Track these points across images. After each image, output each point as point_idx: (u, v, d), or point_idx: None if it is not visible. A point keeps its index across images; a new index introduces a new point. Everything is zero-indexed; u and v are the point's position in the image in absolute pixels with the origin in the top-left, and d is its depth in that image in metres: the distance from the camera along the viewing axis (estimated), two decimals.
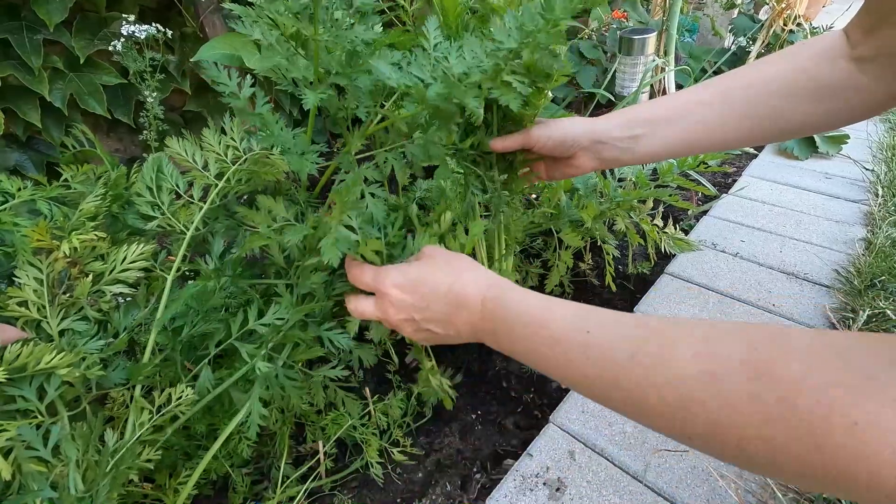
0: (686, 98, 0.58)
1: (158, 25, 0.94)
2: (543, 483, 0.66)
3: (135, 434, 0.45)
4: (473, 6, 0.61)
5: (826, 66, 0.51)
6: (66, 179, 0.61)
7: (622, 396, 0.34)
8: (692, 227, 1.20)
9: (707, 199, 1.33)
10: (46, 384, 0.42)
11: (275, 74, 0.54)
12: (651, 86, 1.64)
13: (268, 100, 0.53)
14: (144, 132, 0.97)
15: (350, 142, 0.55)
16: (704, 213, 1.25)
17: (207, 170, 0.55)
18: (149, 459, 0.46)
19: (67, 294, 0.48)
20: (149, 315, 0.53)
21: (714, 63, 1.84)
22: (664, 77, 1.64)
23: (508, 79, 0.45)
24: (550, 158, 0.63)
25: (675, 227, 0.94)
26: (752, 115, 0.55)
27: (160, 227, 0.54)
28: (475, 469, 0.72)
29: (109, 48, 0.93)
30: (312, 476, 0.68)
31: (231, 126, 0.56)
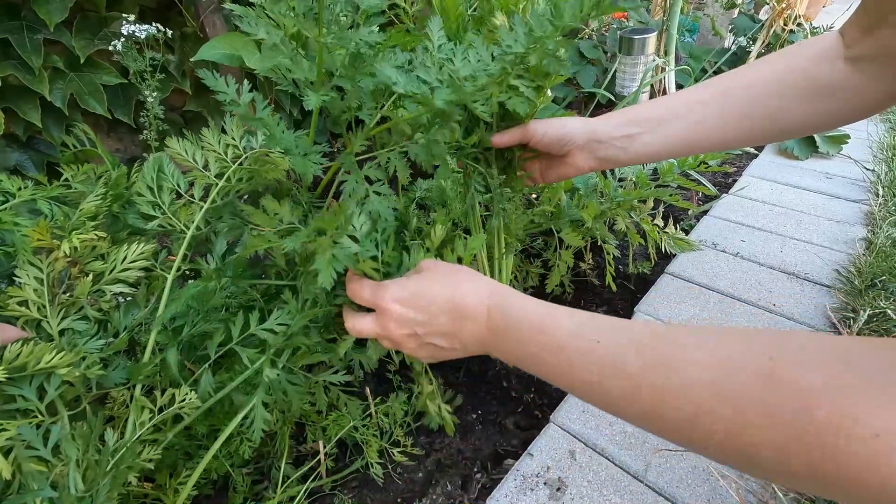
0: (684, 98, 0.58)
1: (159, 25, 0.94)
2: (544, 483, 0.66)
3: (135, 433, 0.45)
4: (473, 8, 0.61)
5: (822, 66, 0.52)
6: (67, 179, 0.61)
7: (631, 406, 0.34)
8: (693, 227, 1.20)
9: (707, 199, 1.33)
10: (46, 384, 0.42)
11: (275, 74, 0.54)
12: (651, 86, 1.64)
13: (268, 101, 0.53)
14: (145, 132, 0.97)
15: (351, 142, 0.55)
16: (705, 213, 1.25)
17: (208, 169, 0.55)
18: (149, 459, 0.46)
19: (67, 293, 0.48)
20: (149, 315, 0.53)
21: (714, 63, 1.84)
22: (664, 77, 1.64)
23: (515, 83, 0.45)
24: (546, 157, 0.63)
25: (676, 227, 0.94)
26: (750, 115, 0.55)
27: (161, 227, 0.54)
28: (476, 469, 0.72)
29: (110, 48, 0.93)
30: (313, 476, 0.68)
31: (231, 125, 0.56)
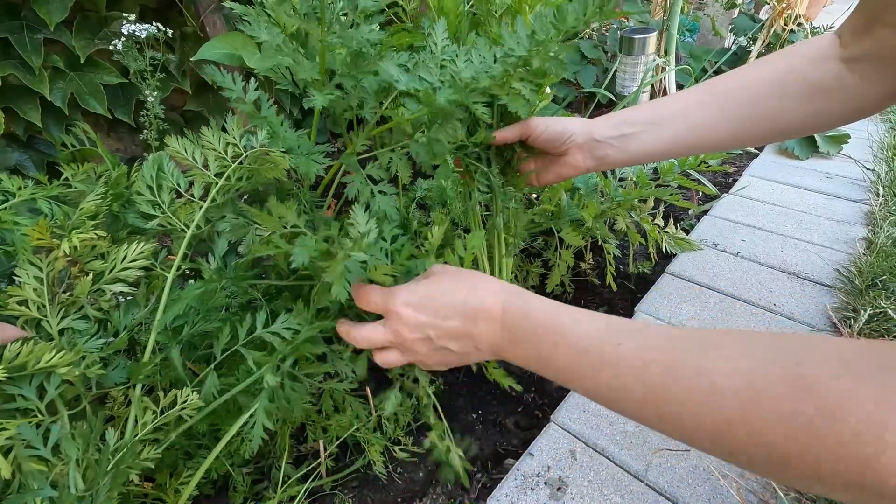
0: (682, 99, 0.58)
1: (159, 25, 0.94)
2: (544, 482, 0.66)
3: (135, 433, 0.45)
4: (470, 4, 0.60)
5: (820, 67, 0.52)
6: (67, 178, 0.61)
7: (656, 412, 0.33)
8: (693, 227, 1.20)
9: (708, 199, 1.33)
10: (46, 383, 0.42)
11: (275, 74, 0.54)
12: (651, 85, 1.64)
13: (272, 102, 0.53)
14: (145, 131, 0.97)
15: (353, 142, 0.55)
16: (705, 213, 1.25)
17: (208, 168, 0.55)
18: (149, 459, 0.46)
19: (67, 293, 0.48)
20: (149, 314, 0.53)
21: (714, 63, 1.83)
22: (665, 77, 1.64)
23: (517, 86, 0.45)
24: (544, 157, 0.63)
25: (676, 227, 0.94)
26: (748, 116, 0.55)
27: (161, 226, 0.54)
28: (476, 468, 0.72)
29: (110, 47, 0.93)
30: (313, 475, 0.67)
31: (232, 124, 0.56)
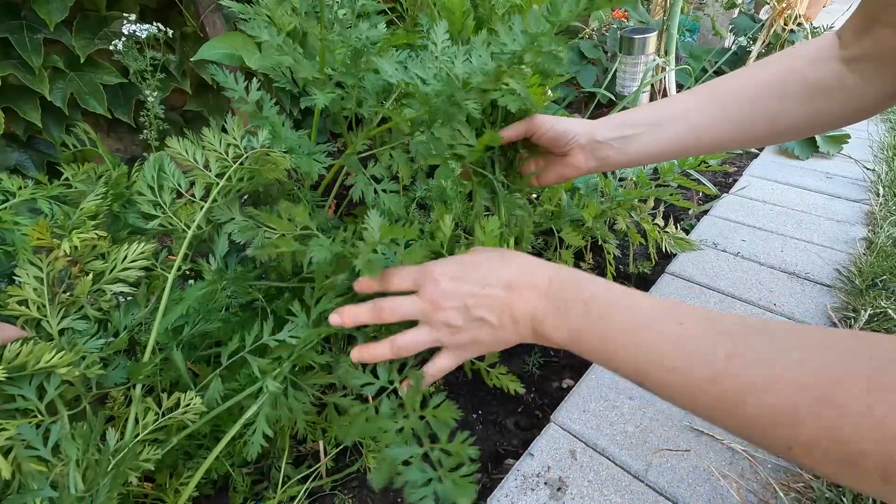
0: (682, 100, 0.58)
1: (159, 25, 0.94)
2: (545, 482, 0.66)
3: (136, 433, 0.45)
4: (477, 11, 0.60)
5: (820, 68, 0.52)
6: (67, 178, 0.61)
7: (712, 398, 0.32)
8: (693, 227, 1.20)
9: (708, 199, 1.33)
10: (46, 383, 0.42)
11: (275, 73, 0.53)
12: (651, 85, 1.64)
13: (273, 101, 0.53)
14: (145, 131, 0.97)
15: (353, 142, 0.55)
16: (705, 213, 1.25)
17: (208, 169, 0.55)
18: (149, 459, 0.46)
19: (67, 293, 0.48)
20: (149, 314, 0.53)
21: (715, 63, 1.83)
22: (665, 77, 1.64)
23: (509, 81, 0.45)
24: (546, 157, 0.63)
25: (676, 227, 0.94)
26: (748, 118, 0.55)
27: (161, 226, 0.54)
28: (476, 469, 0.72)
29: (110, 47, 0.93)
30: (313, 476, 0.67)
31: (232, 125, 0.56)
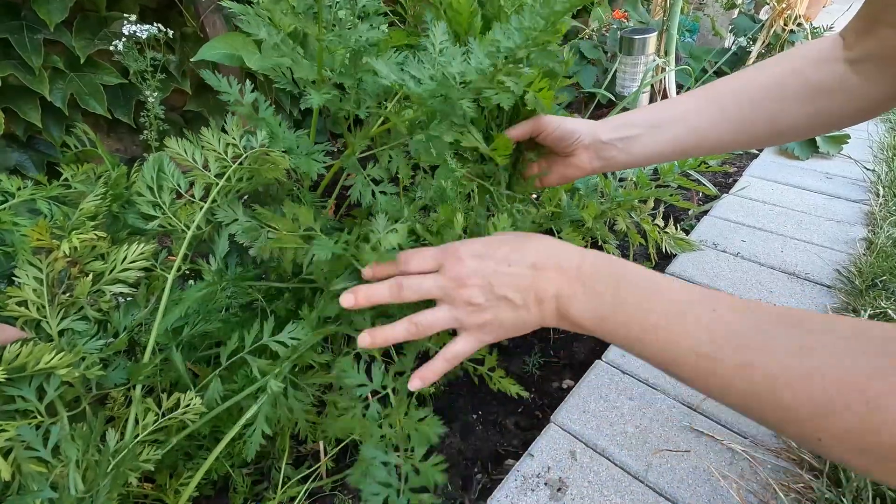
0: (683, 101, 0.58)
1: (159, 25, 0.94)
2: (545, 483, 0.66)
3: (136, 434, 0.45)
4: (485, 9, 0.60)
5: (822, 68, 0.52)
6: (67, 179, 0.61)
7: (744, 386, 0.32)
8: (693, 227, 1.20)
9: (708, 199, 1.32)
10: (46, 384, 0.42)
11: (275, 74, 0.53)
12: (651, 86, 1.64)
13: (269, 103, 0.53)
14: (145, 132, 0.97)
15: (353, 143, 0.55)
16: (705, 213, 1.25)
17: (208, 169, 0.54)
18: (149, 460, 0.46)
19: (67, 294, 0.48)
20: (149, 315, 0.53)
21: (714, 63, 1.83)
22: (664, 77, 1.64)
23: (504, 79, 0.44)
24: (550, 157, 0.63)
25: (676, 227, 0.94)
26: (749, 119, 0.55)
27: (161, 227, 0.54)
28: (476, 469, 0.72)
29: (110, 48, 0.93)
30: (313, 476, 0.67)
31: (232, 125, 0.56)
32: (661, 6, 1.79)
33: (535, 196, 1.09)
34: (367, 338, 0.46)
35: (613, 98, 1.60)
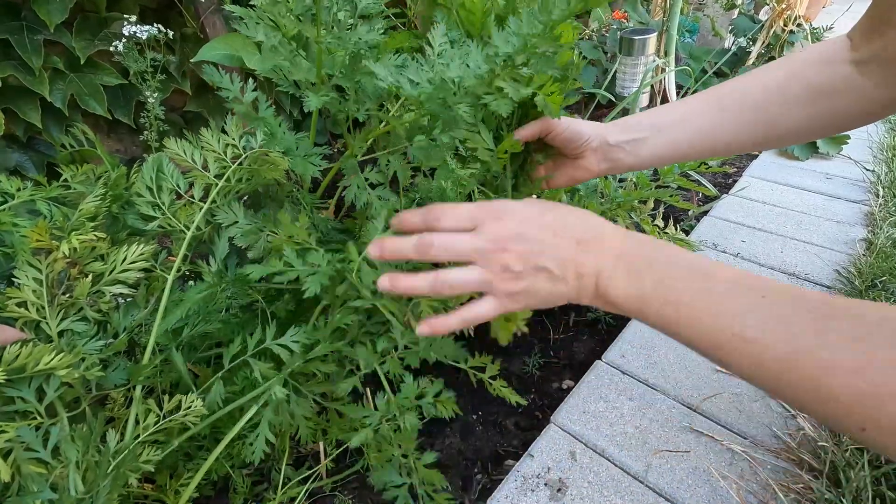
0: (691, 104, 0.58)
1: (159, 26, 0.94)
2: (545, 483, 0.66)
3: (136, 434, 0.45)
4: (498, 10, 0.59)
5: (828, 70, 0.52)
6: (66, 180, 0.61)
7: (790, 374, 0.32)
8: (693, 228, 1.20)
9: (708, 200, 1.33)
10: (46, 385, 0.42)
11: (275, 75, 0.54)
12: (651, 86, 1.64)
13: (270, 103, 0.53)
14: (145, 132, 0.97)
15: (352, 145, 0.55)
16: (705, 214, 1.25)
17: (207, 169, 0.55)
18: (149, 461, 0.46)
19: (67, 294, 0.48)
20: (149, 316, 0.53)
21: (714, 63, 1.84)
22: (664, 77, 1.64)
23: (503, 84, 0.44)
24: (557, 159, 0.63)
25: (676, 228, 0.94)
26: (755, 120, 0.55)
27: (160, 228, 0.54)
28: (476, 469, 0.72)
29: (110, 49, 0.93)
30: (313, 477, 0.67)
31: (231, 126, 0.56)
32: (661, 7, 1.79)
33: (536, 196, 1.09)
34: (387, 282, 0.44)
35: (613, 98, 1.60)
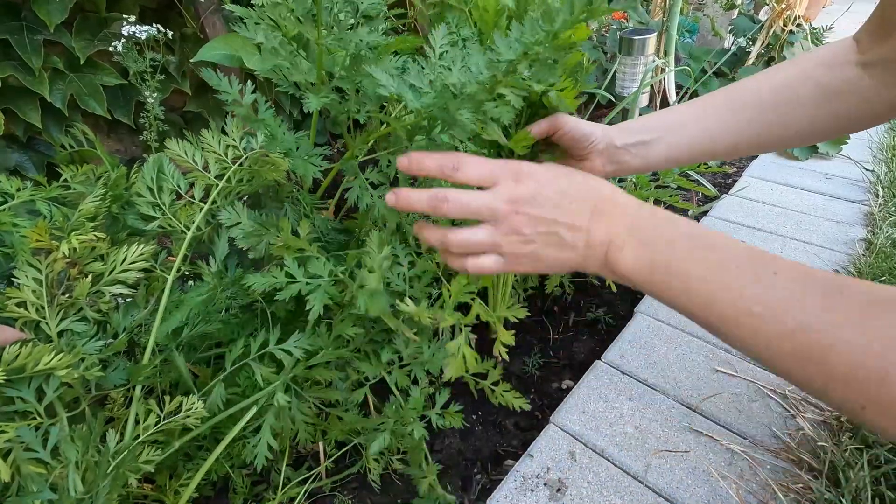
0: (695, 105, 0.58)
1: (159, 26, 0.94)
2: (544, 483, 0.66)
3: (136, 435, 0.45)
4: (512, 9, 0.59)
5: (832, 72, 0.52)
6: (66, 180, 0.61)
7: (794, 349, 0.32)
8: None
9: (707, 200, 1.33)
10: (45, 385, 0.42)
11: (275, 75, 0.54)
12: (651, 86, 1.64)
13: (269, 104, 0.53)
14: (145, 133, 0.97)
15: (352, 146, 0.55)
16: (705, 214, 1.25)
17: (208, 170, 0.55)
18: (150, 461, 0.46)
19: (66, 295, 0.48)
20: (148, 316, 0.53)
21: (714, 64, 1.84)
22: (664, 78, 1.64)
23: (505, 91, 0.44)
24: (565, 160, 0.62)
25: None
26: (761, 121, 0.55)
27: (161, 228, 0.54)
28: (476, 470, 0.72)
29: (110, 49, 0.93)
30: (313, 477, 0.67)
31: (231, 126, 0.56)
32: (661, 7, 1.79)
33: None
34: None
35: (613, 99, 1.60)
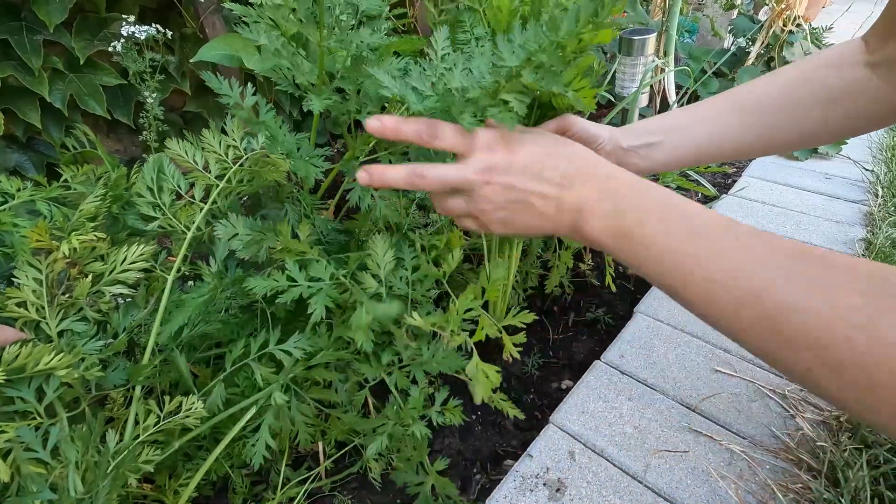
0: (704, 107, 0.58)
1: (158, 26, 0.94)
2: (543, 483, 0.66)
3: (135, 435, 0.45)
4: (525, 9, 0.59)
5: (839, 73, 0.52)
6: (66, 180, 0.61)
7: (752, 314, 0.32)
8: None
9: (707, 200, 1.33)
10: (45, 385, 0.42)
11: (276, 75, 0.54)
12: (651, 86, 1.64)
13: (269, 105, 0.53)
14: (144, 133, 0.97)
15: (353, 147, 0.55)
16: None
17: (208, 170, 0.55)
18: (150, 461, 0.46)
19: (66, 295, 0.48)
20: (148, 316, 0.53)
21: (714, 64, 1.84)
22: (664, 78, 1.64)
23: (507, 97, 0.44)
24: None
25: None
26: (767, 124, 0.55)
27: (161, 228, 0.54)
28: (475, 470, 0.72)
29: (109, 49, 0.93)
30: (312, 477, 0.67)
31: (232, 126, 0.56)
32: (661, 7, 1.79)
33: None
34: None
35: (612, 99, 1.60)
